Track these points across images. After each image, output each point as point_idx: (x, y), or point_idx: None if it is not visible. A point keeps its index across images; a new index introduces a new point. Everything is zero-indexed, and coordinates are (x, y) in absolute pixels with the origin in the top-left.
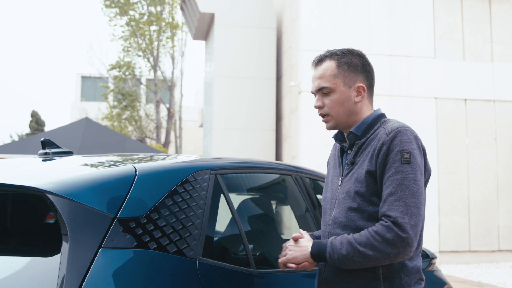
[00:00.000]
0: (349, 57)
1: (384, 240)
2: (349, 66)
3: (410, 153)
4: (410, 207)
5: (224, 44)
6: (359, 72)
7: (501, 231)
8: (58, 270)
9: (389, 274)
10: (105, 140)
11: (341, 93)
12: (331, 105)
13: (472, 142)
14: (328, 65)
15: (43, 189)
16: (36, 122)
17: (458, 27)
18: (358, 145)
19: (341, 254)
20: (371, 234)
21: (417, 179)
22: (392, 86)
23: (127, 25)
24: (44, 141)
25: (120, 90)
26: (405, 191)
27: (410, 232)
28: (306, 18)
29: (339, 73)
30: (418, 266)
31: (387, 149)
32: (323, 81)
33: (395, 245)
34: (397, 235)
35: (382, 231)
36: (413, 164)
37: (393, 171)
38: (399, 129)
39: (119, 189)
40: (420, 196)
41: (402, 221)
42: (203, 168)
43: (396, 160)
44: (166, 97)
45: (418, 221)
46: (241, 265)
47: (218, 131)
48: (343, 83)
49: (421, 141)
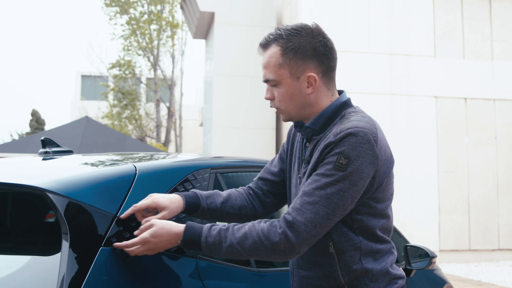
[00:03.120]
0: (296, 40)
1: (272, 247)
2: (295, 52)
3: (348, 159)
4: (319, 216)
5: (224, 43)
6: (308, 59)
7: (501, 230)
8: (58, 269)
9: (352, 283)
10: (105, 139)
11: (288, 86)
12: (280, 98)
13: (472, 140)
14: (273, 52)
15: (43, 188)
16: (36, 121)
17: (458, 25)
18: (315, 140)
19: (219, 254)
20: (259, 238)
21: (343, 189)
22: (392, 84)
23: (127, 24)
24: (44, 140)
25: (120, 89)
26: (322, 198)
27: (305, 242)
28: (306, 17)
29: (284, 63)
30: (386, 268)
31: (330, 150)
32: (268, 71)
33: (284, 252)
34: (288, 242)
35: (273, 236)
36: (347, 172)
37: (322, 171)
38: (349, 131)
39: (119, 188)
40: (337, 208)
41: (303, 228)
42: (203, 167)
43: (330, 162)
44: (166, 96)
45: (320, 233)
46: (241, 264)
47: (218, 130)
48: (289, 74)
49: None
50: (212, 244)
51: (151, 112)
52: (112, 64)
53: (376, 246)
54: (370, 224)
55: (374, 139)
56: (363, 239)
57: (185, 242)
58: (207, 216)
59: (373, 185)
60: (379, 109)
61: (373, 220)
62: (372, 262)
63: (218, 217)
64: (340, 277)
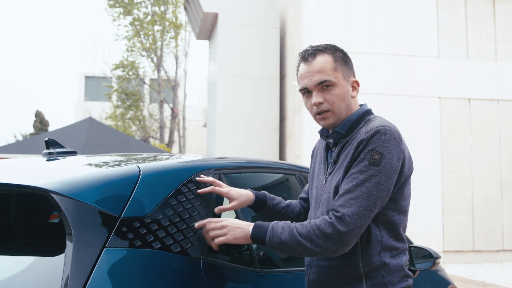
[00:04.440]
0: (340, 52)
1: (323, 236)
2: (343, 60)
3: (381, 154)
4: (363, 208)
5: (227, 44)
6: (351, 67)
7: (505, 231)
8: (62, 270)
9: (370, 273)
10: (108, 140)
11: (342, 87)
12: (334, 99)
13: (475, 141)
14: (326, 59)
15: (47, 189)
16: (40, 122)
17: (462, 26)
18: (342, 144)
19: (280, 240)
20: (312, 228)
21: (380, 182)
22: (395, 85)
23: (131, 25)
24: (48, 141)
25: (124, 90)
26: (363, 192)
27: (353, 232)
28: (309, 18)
29: (337, 67)
30: (401, 264)
31: (363, 148)
32: (325, 74)
33: (334, 242)
34: (337, 231)
35: (323, 227)
36: (381, 166)
37: (358, 168)
38: (378, 129)
39: (123, 189)
40: (377, 200)
41: (350, 220)
42: (207, 167)
43: (365, 159)
44: (169, 96)
45: (365, 224)
46: (245, 265)
47: (222, 131)
48: (342, 77)
49: (401, 142)
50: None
51: (155, 113)
52: (115, 65)
53: (395, 244)
54: (394, 220)
55: (399, 137)
56: (385, 234)
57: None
58: (269, 216)
59: (400, 180)
60: (382, 110)
61: (396, 216)
62: (389, 257)
63: (279, 218)
64: (360, 266)
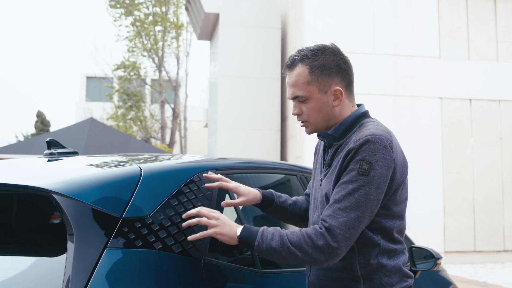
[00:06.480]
0: (321, 59)
1: (314, 246)
2: (322, 70)
3: (370, 164)
4: (351, 219)
5: (228, 44)
6: (333, 74)
7: (507, 231)
8: (64, 270)
9: (368, 276)
10: (110, 140)
11: (317, 100)
12: (309, 112)
13: (477, 141)
14: (300, 71)
15: (48, 189)
16: (42, 123)
17: (463, 26)
18: (335, 147)
19: (269, 245)
20: (303, 236)
21: (369, 192)
22: (396, 85)
23: (132, 26)
24: (50, 141)
25: (125, 90)
26: (352, 203)
27: (342, 244)
28: (310, 18)
29: (312, 80)
30: (399, 265)
31: (351, 157)
32: (297, 89)
33: (324, 253)
34: (328, 244)
35: (314, 237)
36: (371, 176)
37: (347, 178)
38: (367, 138)
39: (124, 189)
40: (366, 210)
41: (338, 231)
42: (208, 168)
43: (354, 169)
44: (171, 97)
45: (354, 235)
46: (246, 265)
47: (223, 131)
48: (318, 90)
49: (392, 150)
50: (266, 234)
51: (156, 114)
52: (117, 65)
53: (392, 246)
54: (387, 225)
55: (390, 145)
56: (381, 238)
57: (244, 231)
58: (277, 214)
59: (392, 188)
60: (383, 110)
61: (389, 222)
62: (387, 259)
63: (287, 216)
64: (357, 269)
